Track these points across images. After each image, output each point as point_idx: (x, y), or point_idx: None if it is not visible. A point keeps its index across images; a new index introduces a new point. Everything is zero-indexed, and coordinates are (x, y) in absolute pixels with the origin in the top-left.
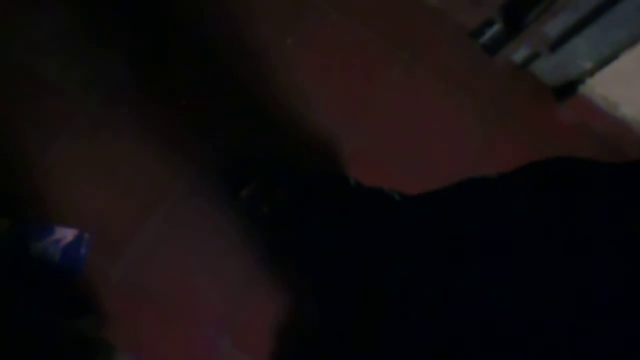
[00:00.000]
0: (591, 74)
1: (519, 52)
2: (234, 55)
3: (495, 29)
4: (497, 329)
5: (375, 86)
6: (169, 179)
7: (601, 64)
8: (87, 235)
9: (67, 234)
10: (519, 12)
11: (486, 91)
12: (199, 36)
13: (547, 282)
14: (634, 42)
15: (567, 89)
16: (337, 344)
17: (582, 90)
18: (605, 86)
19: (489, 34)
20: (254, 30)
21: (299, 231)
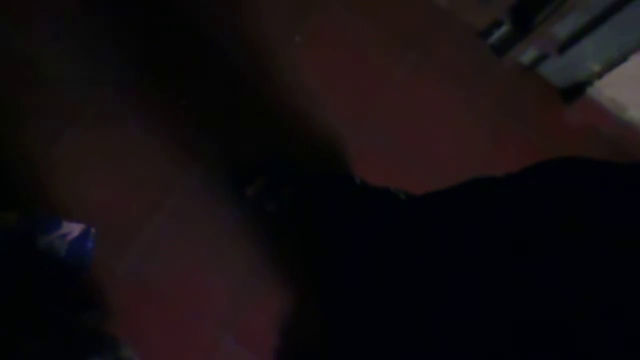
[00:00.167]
0: (599, 76)
1: (527, 53)
2: (242, 53)
3: (503, 29)
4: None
5: (382, 85)
6: (175, 175)
7: (609, 66)
8: (93, 230)
9: (73, 229)
10: (527, 13)
11: (493, 92)
12: (206, 33)
13: (549, 282)
14: None
15: (575, 91)
16: (341, 342)
17: (590, 92)
18: (613, 89)
19: (497, 35)
20: (262, 28)
21: (303, 229)
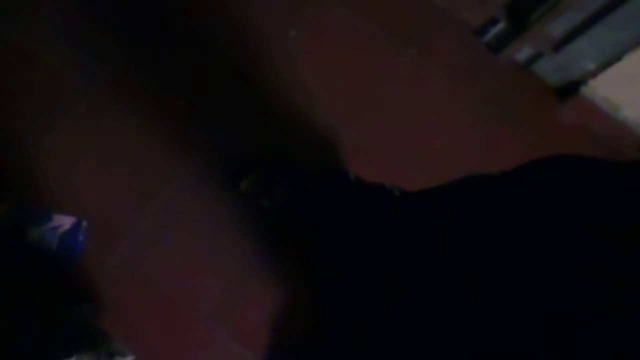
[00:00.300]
0: (594, 75)
1: (523, 51)
2: (236, 47)
3: (499, 27)
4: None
5: (377, 82)
6: (169, 168)
7: (604, 65)
8: (85, 222)
9: (65, 221)
10: (523, 11)
11: (489, 89)
12: (200, 27)
13: (548, 279)
14: (638, 43)
15: (570, 89)
16: (335, 333)
17: (585, 91)
18: (607, 88)
19: (493, 33)
20: (257, 21)
21: (297, 225)
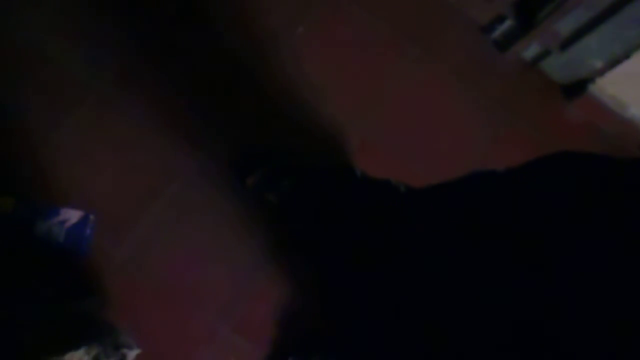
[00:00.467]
0: (601, 73)
1: (530, 49)
2: (244, 43)
3: (506, 25)
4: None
5: (384, 78)
6: (176, 163)
7: (612, 63)
8: (92, 216)
9: (72, 215)
10: (531, 9)
11: (495, 87)
12: (208, 21)
13: (551, 278)
14: None
15: (577, 87)
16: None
17: (592, 89)
18: (615, 86)
19: (500, 30)
20: (264, 17)
21: (303, 221)
